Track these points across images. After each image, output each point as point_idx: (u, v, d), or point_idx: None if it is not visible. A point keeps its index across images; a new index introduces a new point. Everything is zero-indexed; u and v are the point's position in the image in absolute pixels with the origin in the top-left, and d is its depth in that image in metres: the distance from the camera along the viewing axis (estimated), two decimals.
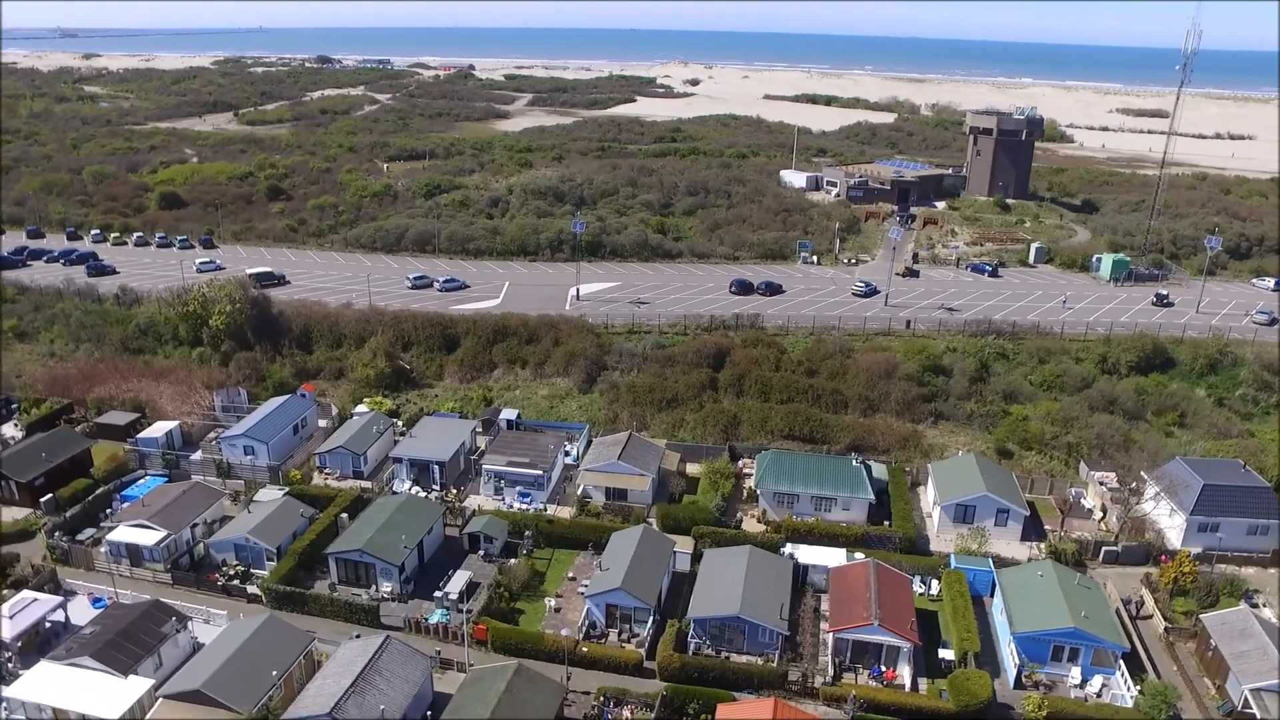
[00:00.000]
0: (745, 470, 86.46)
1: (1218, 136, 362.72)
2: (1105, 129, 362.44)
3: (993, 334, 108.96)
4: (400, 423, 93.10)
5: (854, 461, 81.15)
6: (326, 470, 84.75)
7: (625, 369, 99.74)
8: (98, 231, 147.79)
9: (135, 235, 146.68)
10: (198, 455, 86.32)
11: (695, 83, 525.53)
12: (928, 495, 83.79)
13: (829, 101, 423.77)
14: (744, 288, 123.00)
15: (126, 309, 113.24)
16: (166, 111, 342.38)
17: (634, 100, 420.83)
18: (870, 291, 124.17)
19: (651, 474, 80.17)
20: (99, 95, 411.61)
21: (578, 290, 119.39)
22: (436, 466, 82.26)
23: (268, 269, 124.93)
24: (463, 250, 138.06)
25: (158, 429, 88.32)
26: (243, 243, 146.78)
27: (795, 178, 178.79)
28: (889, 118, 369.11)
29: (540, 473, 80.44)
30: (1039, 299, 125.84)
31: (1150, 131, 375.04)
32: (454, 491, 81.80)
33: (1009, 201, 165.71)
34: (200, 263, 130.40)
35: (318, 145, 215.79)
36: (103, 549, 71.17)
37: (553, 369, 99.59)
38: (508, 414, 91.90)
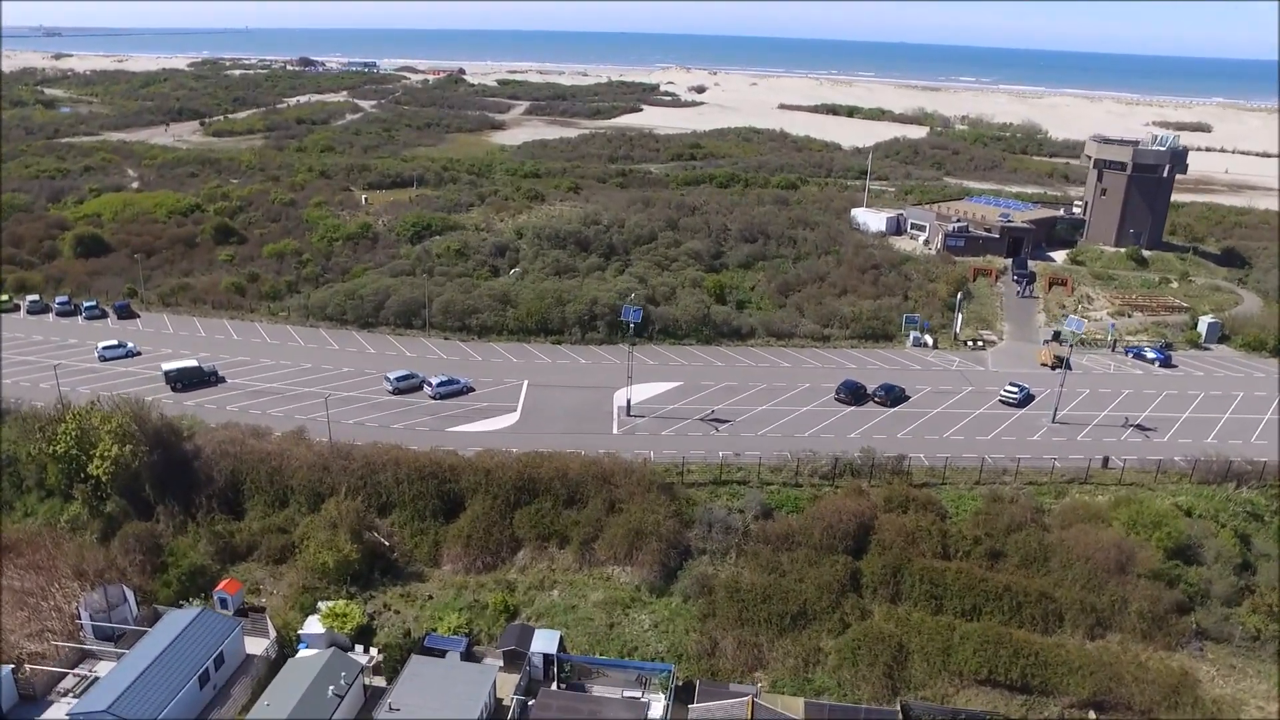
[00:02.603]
0: None
1: None
2: None
3: (1232, 480, 75.81)
4: (376, 653, 59.13)
5: None
6: None
7: (719, 552, 65.90)
8: None
9: (30, 298, 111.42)
10: None
11: (701, 90, 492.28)
12: None
13: (850, 112, 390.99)
14: (854, 394, 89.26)
15: None
16: (126, 119, 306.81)
17: (640, 109, 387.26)
18: (1025, 398, 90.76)
19: None
20: (59, 99, 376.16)
21: (629, 400, 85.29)
22: None
23: (193, 362, 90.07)
24: (462, 326, 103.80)
25: None
26: (172, 309, 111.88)
27: (871, 219, 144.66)
28: (920, 131, 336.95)
29: None
30: (1247, 405, 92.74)
31: (1209, 149, 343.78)
32: None
33: (1145, 253, 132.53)
34: (105, 347, 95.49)
35: (283, 168, 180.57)
36: None
37: (608, 551, 65.52)
38: (543, 641, 57.97)
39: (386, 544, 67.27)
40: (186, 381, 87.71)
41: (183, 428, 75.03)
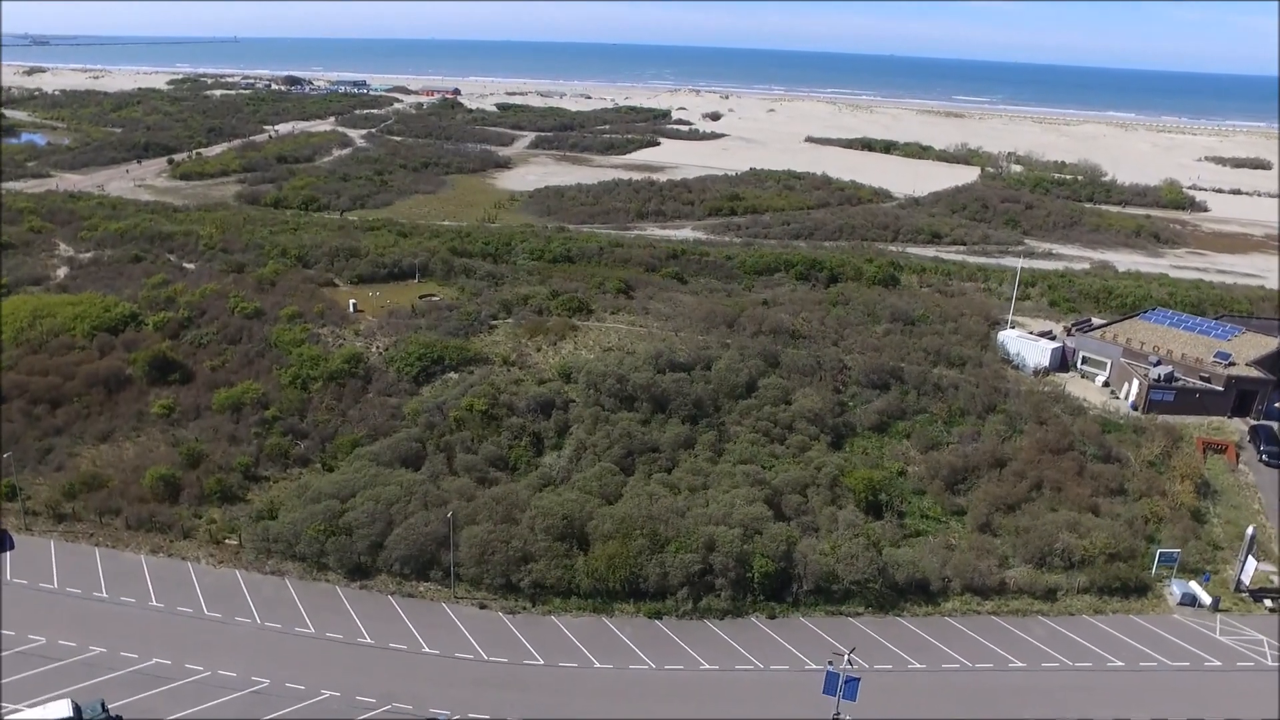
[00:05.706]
0: None
1: None
2: (1238, 191, 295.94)
3: None
4: None
5: None
6: None
7: None
8: None
9: None
10: None
11: (716, 117, 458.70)
12: None
13: (887, 148, 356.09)
14: None
15: None
16: (86, 155, 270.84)
17: (657, 143, 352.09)
18: None
19: None
20: (21, 124, 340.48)
21: None
22: None
23: (65, 711, 53.43)
24: (507, 584, 67.73)
25: None
26: (67, 527, 75.40)
27: (1029, 350, 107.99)
28: (969, 172, 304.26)
29: None
30: None
31: None
32: None
33: None
34: None
35: (250, 250, 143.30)
36: None
37: None
38: None
39: None
40: None
41: None
